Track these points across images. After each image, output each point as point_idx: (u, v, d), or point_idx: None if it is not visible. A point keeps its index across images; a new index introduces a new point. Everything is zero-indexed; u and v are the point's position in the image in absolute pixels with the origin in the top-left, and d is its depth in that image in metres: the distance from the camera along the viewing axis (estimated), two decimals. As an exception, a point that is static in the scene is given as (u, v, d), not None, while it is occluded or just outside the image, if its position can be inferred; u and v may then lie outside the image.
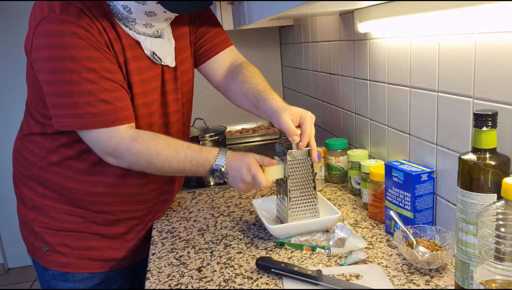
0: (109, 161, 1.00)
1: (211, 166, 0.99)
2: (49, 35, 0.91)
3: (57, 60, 0.91)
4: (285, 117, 0.97)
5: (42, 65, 0.94)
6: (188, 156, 1.00)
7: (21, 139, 1.13)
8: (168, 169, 1.01)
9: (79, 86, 0.92)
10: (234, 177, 0.99)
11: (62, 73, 0.92)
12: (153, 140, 1.00)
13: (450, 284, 0.81)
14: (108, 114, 0.95)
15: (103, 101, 0.94)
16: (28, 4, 2.65)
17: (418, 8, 0.94)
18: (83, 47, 0.92)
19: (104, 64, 0.95)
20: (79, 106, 0.93)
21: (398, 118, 1.15)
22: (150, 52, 1.04)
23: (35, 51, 0.94)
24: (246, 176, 0.97)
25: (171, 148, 1.00)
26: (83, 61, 0.92)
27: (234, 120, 2.29)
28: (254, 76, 1.14)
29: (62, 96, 0.94)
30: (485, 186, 0.69)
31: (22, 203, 1.14)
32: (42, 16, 0.91)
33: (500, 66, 0.77)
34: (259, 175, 0.96)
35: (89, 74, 0.92)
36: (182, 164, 1.00)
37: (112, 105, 0.96)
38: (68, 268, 1.11)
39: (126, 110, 0.99)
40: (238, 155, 1.00)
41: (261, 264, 0.90)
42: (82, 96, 0.93)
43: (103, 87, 0.94)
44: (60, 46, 0.91)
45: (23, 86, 1.20)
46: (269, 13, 1.01)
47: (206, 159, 1.00)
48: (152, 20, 1.01)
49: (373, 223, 1.10)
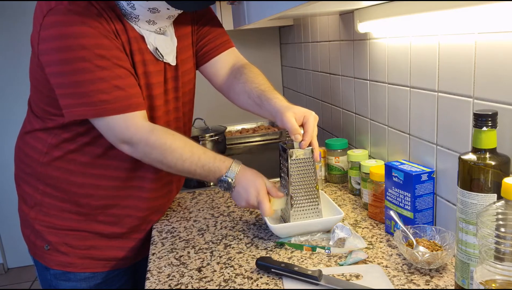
0: (123, 149, 1.00)
1: (221, 175, 1.01)
2: (58, 25, 0.91)
3: (68, 50, 0.91)
4: (288, 116, 0.98)
5: (51, 56, 0.94)
6: (201, 160, 1.00)
7: (23, 136, 1.13)
8: (180, 167, 1.01)
9: (91, 74, 0.92)
10: (240, 194, 1.01)
11: (73, 62, 0.92)
12: (171, 136, 1.01)
13: (450, 284, 0.82)
14: (122, 101, 0.96)
15: (116, 87, 0.95)
16: (31, 4, 2.66)
17: (418, 8, 0.94)
18: (93, 35, 0.92)
19: (114, 52, 0.96)
20: (92, 94, 0.93)
21: (398, 118, 1.15)
22: (153, 47, 1.05)
23: (43, 42, 0.93)
24: (253, 199, 1.00)
25: (187, 148, 1.01)
26: (94, 48, 0.92)
27: (234, 120, 2.29)
28: (257, 77, 1.15)
29: (74, 86, 0.94)
30: (485, 186, 0.69)
31: (23, 202, 1.14)
32: (50, 7, 0.92)
33: (500, 66, 0.77)
34: (265, 204, 0.99)
35: (101, 61, 0.93)
36: (194, 167, 1.00)
37: (125, 91, 0.96)
38: (70, 268, 1.11)
39: (138, 97, 1.00)
40: (249, 173, 1.02)
41: (261, 264, 0.90)
42: (95, 84, 0.93)
43: (115, 74, 0.95)
44: (70, 36, 0.91)
45: (25, 86, 1.20)
46: (269, 13, 1.01)
47: (218, 168, 1.01)
48: (155, 18, 1.01)
49: (373, 223, 1.10)
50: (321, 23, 1.70)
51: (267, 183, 1.02)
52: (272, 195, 1.01)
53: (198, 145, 1.04)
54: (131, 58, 1.01)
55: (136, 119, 0.98)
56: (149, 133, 0.99)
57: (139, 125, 0.98)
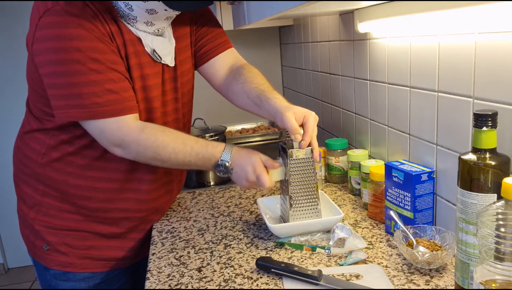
0: (115, 152, 1.01)
1: (216, 160, 1.01)
2: (54, 26, 0.91)
3: (62, 51, 0.91)
4: (289, 116, 0.98)
5: (45, 57, 0.94)
6: (194, 150, 1.01)
7: (22, 137, 1.13)
8: (175, 161, 1.02)
9: (84, 76, 0.93)
10: (239, 174, 1.01)
11: (67, 64, 0.92)
12: (161, 132, 1.01)
13: (450, 284, 0.81)
14: (114, 104, 0.96)
15: (109, 91, 0.95)
16: (31, 4, 2.66)
17: (418, 8, 0.94)
18: (88, 38, 0.92)
19: (109, 55, 0.96)
20: (85, 96, 0.94)
21: (398, 118, 1.15)
22: (151, 49, 1.05)
23: (37, 43, 0.93)
24: (251, 175, 0.99)
25: (179, 141, 1.01)
26: (88, 51, 0.92)
27: (234, 120, 2.29)
28: (256, 77, 1.15)
29: (67, 87, 0.94)
30: (485, 186, 0.69)
31: (22, 202, 1.14)
32: (46, 8, 0.92)
33: (500, 66, 0.77)
34: (263, 176, 0.98)
35: (95, 65, 0.93)
36: (188, 157, 1.01)
37: (118, 95, 0.96)
38: (69, 268, 1.11)
39: (132, 100, 1.00)
40: (244, 152, 1.02)
41: (261, 264, 0.90)
42: (88, 86, 0.93)
43: (109, 77, 0.95)
44: (65, 37, 0.91)
45: (24, 86, 1.20)
46: (269, 13, 1.01)
47: (212, 154, 1.01)
48: (153, 19, 1.01)
49: (373, 223, 1.10)
50: (321, 23, 1.70)
51: (262, 157, 1.01)
52: (268, 167, 1.01)
53: (190, 136, 1.04)
54: (127, 61, 1.01)
55: (127, 121, 0.98)
56: (139, 132, 0.99)
57: (129, 127, 0.99)
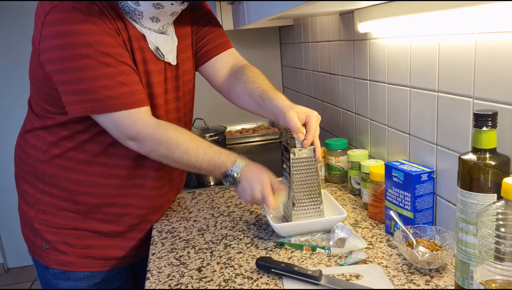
0: (129, 145, 1.01)
1: (226, 169, 1.01)
2: (61, 23, 0.92)
3: (72, 47, 0.92)
4: (291, 115, 0.99)
5: (54, 54, 0.94)
6: (207, 155, 1.01)
7: (23, 135, 1.14)
8: (186, 162, 1.02)
9: (96, 71, 0.93)
10: (245, 188, 1.01)
11: (77, 59, 0.92)
12: (177, 131, 1.02)
13: (450, 284, 0.82)
14: (127, 96, 0.96)
15: (121, 83, 0.96)
16: (31, 4, 2.66)
17: (418, 8, 0.94)
18: (96, 32, 0.93)
19: (118, 49, 0.96)
20: (98, 90, 0.94)
21: (398, 118, 1.15)
22: (154, 46, 1.05)
23: (45, 40, 0.94)
24: (257, 193, 1.00)
25: (193, 143, 1.01)
26: (98, 46, 0.93)
27: (234, 120, 2.29)
28: (258, 77, 1.15)
29: (78, 82, 0.94)
30: (485, 186, 0.69)
31: (23, 201, 1.14)
32: (52, 5, 0.92)
33: (500, 66, 0.77)
34: (270, 198, 1.00)
35: (105, 58, 0.94)
36: (199, 161, 1.01)
37: (130, 87, 0.97)
38: (69, 267, 1.11)
39: (142, 93, 1.01)
40: (254, 168, 1.02)
41: (261, 264, 0.90)
42: (100, 80, 0.94)
43: (120, 70, 0.96)
44: (74, 33, 0.91)
45: (25, 85, 1.20)
46: (269, 13, 1.01)
47: (224, 162, 1.01)
48: (159, 14, 1.02)
49: (373, 223, 1.10)
50: (321, 23, 1.70)
51: (272, 177, 1.02)
52: (274, 189, 1.02)
53: (203, 140, 1.04)
54: (132, 56, 1.02)
55: (142, 114, 0.99)
56: (155, 128, 0.99)
57: (145, 121, 0.99)
